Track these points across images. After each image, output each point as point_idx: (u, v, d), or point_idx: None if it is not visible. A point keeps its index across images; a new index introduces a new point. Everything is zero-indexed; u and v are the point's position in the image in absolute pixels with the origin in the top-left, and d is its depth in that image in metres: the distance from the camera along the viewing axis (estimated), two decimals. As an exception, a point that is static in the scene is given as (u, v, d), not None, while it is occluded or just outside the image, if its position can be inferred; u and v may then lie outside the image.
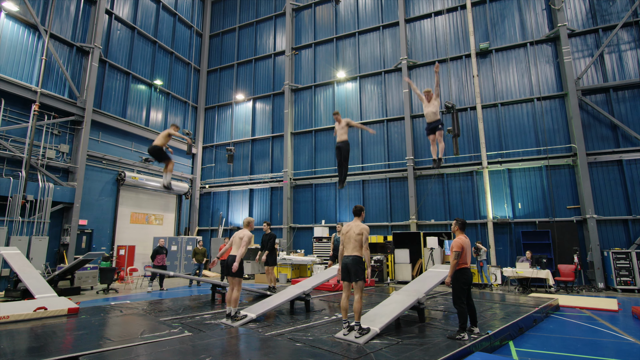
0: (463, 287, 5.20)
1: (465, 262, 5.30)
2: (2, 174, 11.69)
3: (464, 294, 5.18)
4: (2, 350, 4.10)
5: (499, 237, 13.18)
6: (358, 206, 5.58)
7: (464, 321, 5.02)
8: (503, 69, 14.23)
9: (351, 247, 5.14)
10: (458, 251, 5.24)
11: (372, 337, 4.88)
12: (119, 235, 15.66)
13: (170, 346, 4.28)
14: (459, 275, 5.24)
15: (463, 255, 5.26)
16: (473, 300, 5.40)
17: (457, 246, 5.27)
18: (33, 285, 8.21)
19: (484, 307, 7.53)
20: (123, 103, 16.36)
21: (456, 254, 5.24)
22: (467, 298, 5.27)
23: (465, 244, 5.33)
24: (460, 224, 5.60)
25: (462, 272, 5.25)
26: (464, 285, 5.21)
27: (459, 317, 5.09)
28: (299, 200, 17.38)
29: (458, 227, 5.60)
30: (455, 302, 5.24)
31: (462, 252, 5.25)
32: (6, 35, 12.21)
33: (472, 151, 14.13)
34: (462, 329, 5.00)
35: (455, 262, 5.24)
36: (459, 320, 5.08)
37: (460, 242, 5.30)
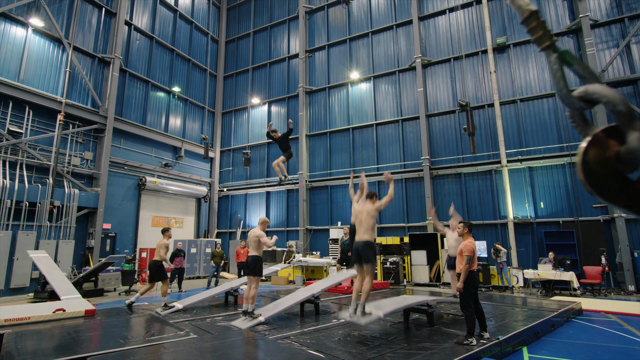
0: (471, 291, 5.05)
1: (473, 266, 5.16)
2: (32, 181, 12.31)
3: (472, 298, 5.03)
4: (18, 349, 4.31)
5: (520, 238, 12.73)
6: (371, 191, 5.56)
7: (471, 326, 4.88)
8: (522, 63, 13.75)
9: (362, 230, 5.22)
10: (470, 255, 5.07)
11: (373, 320, 4.94)
12: (141, 238, 16.17)
13: (171, 348, 4.37)
14: (468, 279, 5.08)
15: (473, 259, 5.11)
16: (481, 304, 5.23)
17: (468, 250, 5.09)
18: (59, 287, 8.59)
19: (502, 310, 7.29)
20: (143, 110, 16.91)
21: (468, 259, 5.07)
22: (475, 302, 5.12)
23: (476, 247, 5.19)
24: (469, 226, 5.43)
25: (471, 275, 5.09)
26: (472, 288, 5.06)
27: (467, 321, 4.95)
28: (314, 202, 17.40)
29: (467, 230, 5.41)
30: (462, 306, 5.09)
31: (473, 255, 5.09)
32: (33, 49, 12.88)
33: (491, 149, 13.72)
34: (470, 334, 4.86)
35: (468, 267, 5.06)
36: (467, 325, 4.93)
37: (472, 246, 5.14)
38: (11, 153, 11.91)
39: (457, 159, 14.27)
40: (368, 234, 5.16)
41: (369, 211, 5.25)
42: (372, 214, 5.24)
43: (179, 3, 19.44)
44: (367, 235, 5.15)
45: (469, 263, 5.05)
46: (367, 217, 5.22)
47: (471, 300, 5.03)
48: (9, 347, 4.46)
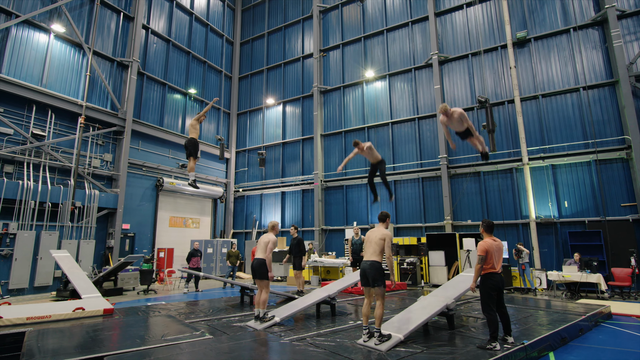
0: (490, 293, 4.84)
1: (494, 267, 4.90)
2: (54, 183, 12.66)
3: (492, 301, 4.82)
4: (39, 347, 4.37)
5: (543, 238, 12.29)
6: (383, 212, 5.38)
7: (494, 329, 4.67)
8: (544, 58, 13.29)
9: (370, 251, 4.98)
10: (482, 255, 4.88)
11: (394, 344, 4.68)
12: (159, 239, 16.42)
13: (187, 349, 4.35)
14: (485, 281, 4.88)
15: (489, 260, 4.89)
16: (506, 307, 5.01)
17: (480, 250, 4.92)
18: (80, 285, 8.78)
19: (525, 313, 7.03)
20: (160, 112, 17.18)
21: (480, 259, 4.88)
22: (499, 305, 4.91)
23: (491, 247, 4.93)
24: (485, 225, 5.19)
25: (489, 277, 4.88)
26: (492, 291, 4.84)
27: (489, 325, 4.75)
28: (330, 202, 17.30)
29: (483, 229, 5.19)
30: (483, 309, 4.88)
31: (487, 256, 4.88)
32: (55, 55, 13.24)
33: (511, 147, 13.32)
34: (493, 338, 4.66)
35: (479, 267, 4.88)
36: (489, 329, 4.73)
37: (485, 245, 4.93)
38: (35, 155, 12.27)
39: (475, 157, 13.90)
40: (376, 255, 4.92)
41: (381, 236, 4.99)
42: (382, 239, 4.97)
43: (195, 6, 19.68)
44: (375, 256, 4.92)
45: (480, 263, 4.86)
46: (378, 240, 4.98)
47: (492, 302, 4.82)
48: (31, 344, 4.53)
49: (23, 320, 5.42)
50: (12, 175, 11.74)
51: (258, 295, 6.06)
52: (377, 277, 4.80)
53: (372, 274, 4.82)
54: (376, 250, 4.96)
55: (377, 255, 4.94)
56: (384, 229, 5.15)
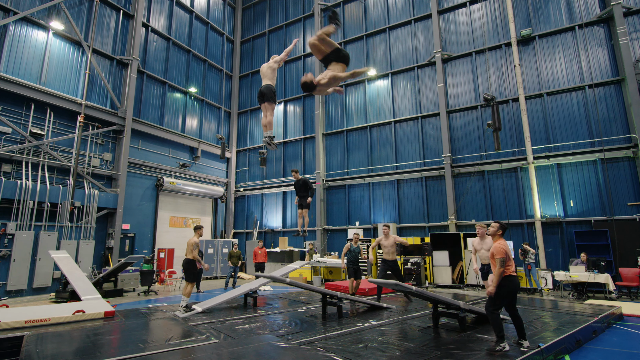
0: (506, 296, 4.68)
1: (514, 269, 4.77)
2: (53, 182, 12.47)
3: (503, 302, 4.68)
4: (38, 353, 4.20)
5: (548, 238, 12.15)
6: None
7: (499, 329, 4.55)
8: (548, 55, 13.15)
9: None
10: (503, 258, 4.66)
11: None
12: (159, 239, 16.24)
13: (192, 354, 4.18)
14: (507, 283, 4.67)
15: (509, 261, 4.71)
16: (518, 310, 4.82)
17: (500, 252, 4.69)
18: (79, 287, 8.62)
19: (533, 315, 6.88)
20: (160, 111, 16.99)
21: (501, 261, 4.66)
22: (511, 308, 4.75)
23: (508, 249, 4.79)
24: (503, 228, 4.98)
25: (511, 279, 4.68)
26: (512, 294, 4.69)
27: (493, 326, 4.62)
28: (332, 201, 17.14)
29: (501, 232, 4.94)
30: (487, 308, 4.75)
31: (506, 257, 4.70)
32: (54, 52, 13.04)
33: (516, 146, 13.18)
34: (501, 338, 4.52)
35: (502, 270, 4.66)
36: (495, 330, 4.60)
37: (505, 247, 4.75)
38: (33, 155, 12.08)
39: (479, 156, 13.77)
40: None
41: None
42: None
43: (195, 4, 19.49)
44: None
45: (503, 266, 4.64)
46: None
47: (502, 304, 4.68)
48: (29, 350, 4.36)
49: (21, 323, 5.24)
50: (10, 175, 11.54)
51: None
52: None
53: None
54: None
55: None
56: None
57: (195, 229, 7.87)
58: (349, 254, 9.31)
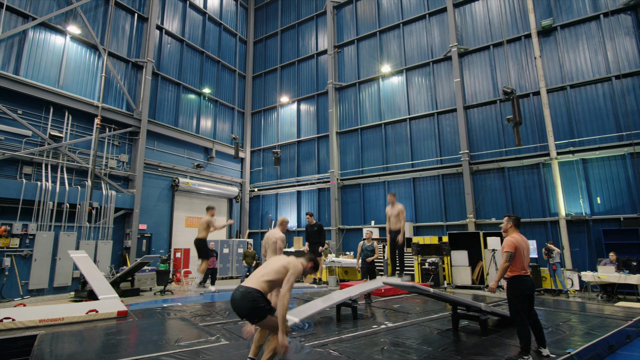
0: (521, 300, 4.26)
1: (524, 268, 4.29)
2: (72, 184, 12.70)
3: (522, 308, 4.23)
4: (49, 351, 4.17)
5: (574, 237, 11.61)
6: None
7: (526, 342, 4.10)
8: (571, 47, 12.59)
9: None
10: (510, 252, 4.24)
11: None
12: (175, 239, 16.38)
13: (202, 356, 4.07)
14: (514, 285, 4.27)
15: (519, 259, 4.27)
16: (537, 314, 4.44)
17: (509, 246, 4.28)
18: (97, 286, 8.72)
19: (560, 318, 6.51)
20: (175, 112, 17.15)
21: (508, 256, 4.24)
22: (529, 312, 4.34)
23: (521, 244, 4.33)
24: (514, 220, 4.51)
25: (517, 280, 4.25)
26: (522, 297, 4.26)
27: (519, 336, 4.16)
28: (346, 200, 16.92)
29: (512, 224, 4.50)
30: (511, 317, 4.33)
31: (516, 253, 4.26)
32: (71, 56, 13.31)
33: (537, 141, 12.66)
34: (525, 351, 4.07)
35: (507, 265, 4.26)
36: (520, 341, 4.15)
37: (514, 241, 4.29)
38: (52, 157, 12.33)
39: (499, 153, 13.30)
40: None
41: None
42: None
43: (208, 6, 19.61)
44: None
45: (508, 261, 4.25)
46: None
47: (523, 310, 4.23)
48: (41, 349, 4.34)
49: (36, 322, 5.27)
50: (31, 177, 11.82)
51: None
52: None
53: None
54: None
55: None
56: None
57: (207, 208, 8.21)
58: (362, 252, 9.10)
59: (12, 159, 11.43)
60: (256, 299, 3.31)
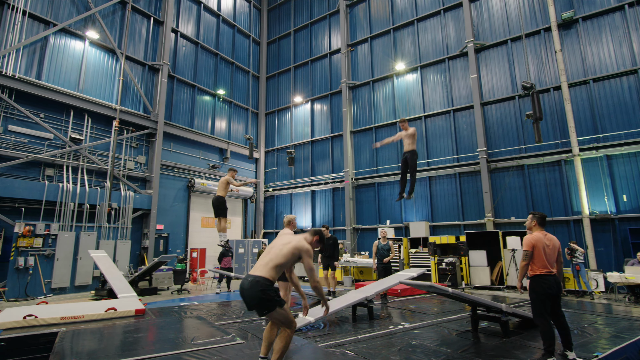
0: (542, 299, 4.11)
1: (545, 267, 4.15)
2: (92, 185, 13.01)
3: (545, 307, 4.09)
4: (68, 349, 4.24)
5: (598, 236, 11.18)
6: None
7: (549, 343, 3.96)
8: (594, 39, 12.14)
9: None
10: (528, 251, 4.19)
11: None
12: (192, 239, 16.59)
13: (216, 355, 4.06)
14: (534, 284, 4.16)
15: (538, 257, 4.16)
16: (564, 315, 4.25)
17: (526, 244, 4.23)
18: (116, 285, 8.89)
19: (585, 320, 6.27)
20: (190, 114, 17.37)
21: (525, 254, 4.21)
22: (555, 313, 4.18)
23: (540, 242, 4.20)
24: (538, 217, 4.39)
25: (539, 279, 4.14)
26: (542, 296, 4.11)
27: (543, 337, 4.04)
28: (361, 200, 16.79)
29: (536, 222, 4.39)
30: (534, 317, 4.20)
31: (534, 252, 4.17)
32: (90, 61, 13.64)
33: (559, 137, 12.27)
34: (549, 353, 3.93)
35: (525, 264, 4.21)
36: (543, 342, 4.01)
37: (532, 239, 4.21)
38: (73, 159, 12.66)
39: (518, 150, 12.95)
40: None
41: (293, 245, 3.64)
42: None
43: (222, 8, 19.81)
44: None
45: (526, 260, 4.20)
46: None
47: (546, 310, 4.08)
48: (62, 346, 4.42)
49: (57, 320, 5.40)
50: (52, 179, 12.15)
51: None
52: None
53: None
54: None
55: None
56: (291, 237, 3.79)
57: (229, 170, 8.66)
58: (378, 252, 9.04)
59: (35, 162, 11.79)
60: (265, 288, 3.23)
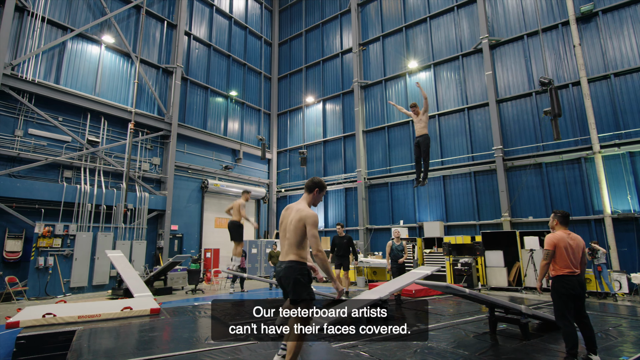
0: (564, 300, 3.99)
1: (568, 267, 4.02)
2: (108, 186, 13.26)
3: (567, 309, 3.95)
4: (85, 348, 4.30)
5: (621, 236, 10.80)
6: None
7: (572, 345, 3.82)
8: (614, 32, 11.75)
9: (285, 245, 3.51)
10: (549, 250, 4.08)
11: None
12: (205, 239, 16.74)
13: (230, 355, 4.05)
14: (557, 284, 4.04)
15: (560, 257, 4.04)
16: (588, 317, 4.10)
17: (548, 243, 4.12)
18: (132, 285, 9.01)
19: (608, 323, 6.04)
20: (203, 115, 17.55)
21: (545, 254, 4.10)
22: (579, 314, 4.03)
23: (562, 242, 4.07)
24: (560, 216, 4.27)
25: (561, 280, 4.02)
26: (565, 297, 3.99)
27: (565, 339, 3.91)
28: (374, 200, 16.66)
29: (558, 221, 4.27)
30: (556, 318, 4.07)
31: (556, 251, 4.06)
32: (106, 65, 13.92)
33: (578, 134, 11.91)
34: (572, 356, 3.79)
35: (545, 263, 4.10)
36: (566, 345, 3.88)
37: (554, 238, 4.10)
38: (90, 161, 12.93)
39: (535, 148, 12.63)
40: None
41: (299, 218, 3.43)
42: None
43: (234, 10, 19.97)
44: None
45: (546, 259, 4.10)
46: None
47: (568, 311, 3.95)
48: (79, 344, 4.48)
49: (74, 318, 5.49)
50: (71, 180, 12.43)
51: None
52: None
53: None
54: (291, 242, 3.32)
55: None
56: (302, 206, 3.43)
57: (243, 192, 8.53)
58: (392, 252, 8.94)
59: (54, 164, 12.08)
60: (299, 273, 3.23)
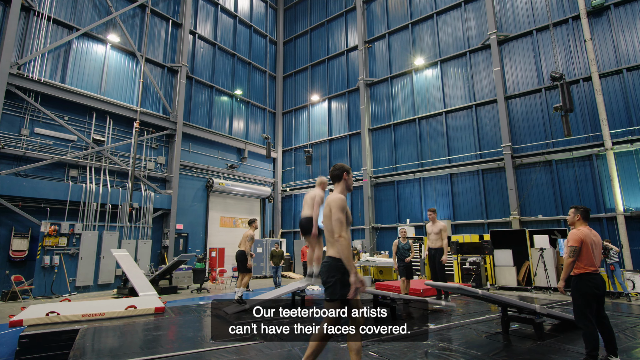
0: (588, 299, 3.79)
1: (593, 265, 3.83)
2: (114, 185, 13.25)
3: (590, 309, 3.77)
4: (88, 346, 4.22)
5: (634, 235, 10.55)
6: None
7: (592, 347, 3.64)
8: (627, 26, 11.49)
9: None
10: (575, 247, 3.84)
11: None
12: (211, 238, 16.70)
13: (235, 355, 3.95)
14: (581, 283, 3.83)
15: (586, 254, 3.83)
16: (608, 319, 3.92)
17: (574, 240, 3.87)
18: (138, 284, 8.99)
19: (624, 323, 5.84)
20: (208, 114, 17.51)
21: (572, 250, 3.85)
22: (599, 314, 3.86)
23: (588, 238, 3.87)
24: (582, 212, 4.08)
25: (586, 278, 3.81)
26: (589, 296, 3.80)
27: (585, 339, 3.72)
28: (380, 198, 16.50)
29: (580, 217, 4.07)
30: (577, 318, 3.86)
31: (582, 248, 3.83)
32: (111, 64, 13.91)
33: (589, 131, 11.66)
34: (592, 358, 3.62)
35: (571, 260, 3.86)
36: (586, 346, 3.70)
37: (580, 234, 3.87)
38: (96, 160, 12.92)
39: (545, 145, 12.40)
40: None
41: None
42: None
43: (238, 9, 19.91)
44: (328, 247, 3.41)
45: (572, 256, 3.84)
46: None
47: (590, 311, 3.76)
48: (83, 343, 4.41)
49: (78, 317, 5.43)
50: (76, 179, 12.43)
51: (310, 253, 5.77)
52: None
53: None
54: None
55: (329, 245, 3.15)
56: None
57: (250, 222, 8.15)
58: (398, 251, 8.75)
59: (60, 163, 12.09)
60: (336, 272, 3.00)
